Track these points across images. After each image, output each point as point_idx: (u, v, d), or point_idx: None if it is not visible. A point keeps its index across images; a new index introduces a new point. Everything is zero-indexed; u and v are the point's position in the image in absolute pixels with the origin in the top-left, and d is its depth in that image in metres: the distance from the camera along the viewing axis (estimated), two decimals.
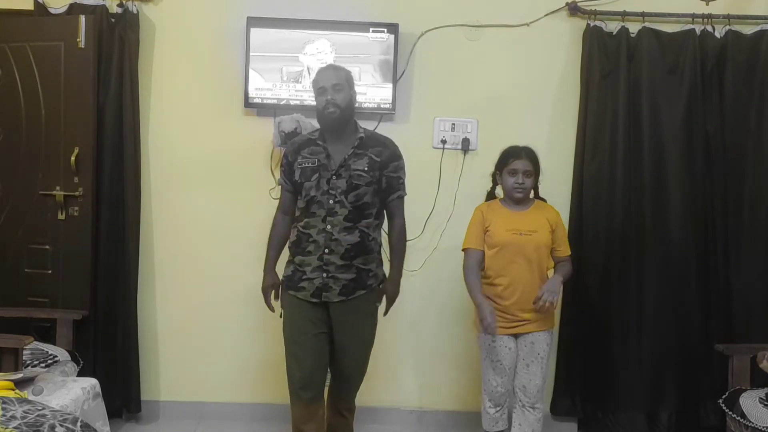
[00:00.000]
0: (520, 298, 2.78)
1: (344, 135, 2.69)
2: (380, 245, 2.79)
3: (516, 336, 2.82)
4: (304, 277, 2.66)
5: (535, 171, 2.83)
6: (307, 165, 2.68)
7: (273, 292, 2.77)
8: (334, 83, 2.64)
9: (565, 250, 2.88)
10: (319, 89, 2.67)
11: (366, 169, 2.66)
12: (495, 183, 2.95)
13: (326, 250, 2.63)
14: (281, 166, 2.84)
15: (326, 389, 2.82)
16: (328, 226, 2.62)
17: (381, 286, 2.79)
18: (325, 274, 2.63)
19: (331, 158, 2.66)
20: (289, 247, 2.77)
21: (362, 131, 2.73)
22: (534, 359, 2.81)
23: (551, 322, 2.87)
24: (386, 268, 2.83)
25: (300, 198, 2.71)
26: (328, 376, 2.81)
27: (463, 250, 2.89)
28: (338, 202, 2.63)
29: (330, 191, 2.63)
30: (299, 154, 2.71)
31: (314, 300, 2.65)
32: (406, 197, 2.77)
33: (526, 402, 2.83)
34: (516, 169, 2.80)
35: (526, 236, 2.78)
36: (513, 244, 2.78)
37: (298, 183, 2.70)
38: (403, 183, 2.79)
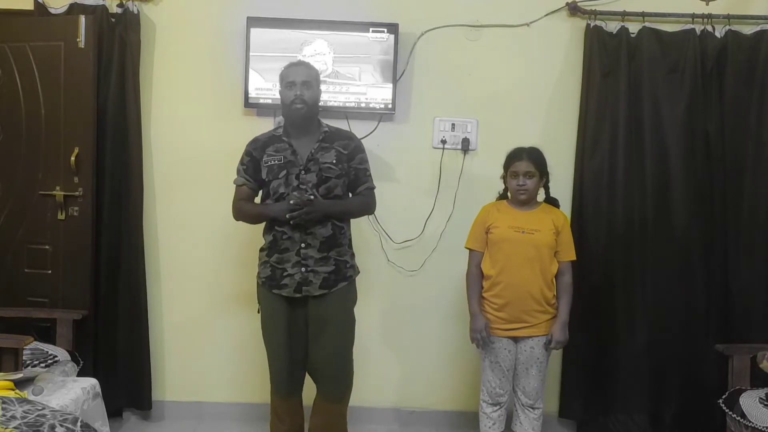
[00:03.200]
0: (519, 298, 2.78)
1: (309, 130, 2.74)
2: (350, 239, 2.82)
3: (516, 339, 2.82)
4: (285, 273, 2.69)
5: (539, 171, 2.82)
6: (273, 163, 2.71)
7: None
8: (304, 80, 2.70)
9: (568, 254, 2.86)
10: (288, 83, 2.72)
11: (334, 161, 2.71)
12: (506, 185, 2.94)
13: (302, 245, 2.67)
14: (242, 164, 2.80)
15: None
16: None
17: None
18: (304, 269, 2.67)
19: (297, 154, 2.70)
20: (263, 248, 2.78)
21: (326, 126, 2.79)
22: (533, 363, 2.81)
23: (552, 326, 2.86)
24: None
25: (269, 198, 2.73)
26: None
27: (466, 248, 2.95)
28: None
29: (300, 186, 2.66)
30: (264, 152, 2.74)
31: (296, 295, 2.69)
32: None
33: (526, 402, 2.85)
34: (516, 171, 2.81)
35: (528, 234, 2.78)
36: (513, 241, 2.79)
37: (265, 181, 2.72)
38: (370, 175, 2.84)
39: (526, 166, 2.80)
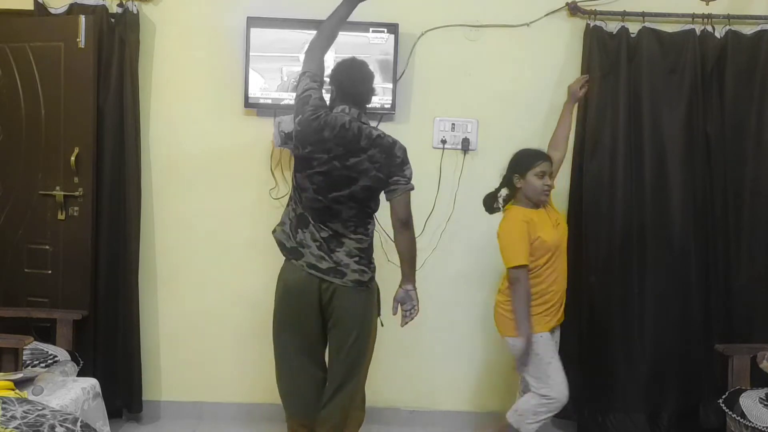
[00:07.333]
0: (561, 289, 2.83)
1: None
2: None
3: (553, 331, 2.86)
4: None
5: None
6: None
7: None
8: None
9: None
10: None
11: None
12: (515, 187, 2.84)
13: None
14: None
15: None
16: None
17: None
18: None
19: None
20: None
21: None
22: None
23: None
24: None
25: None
26: None
27: (514, 267, 2.72)
28: None
29: None
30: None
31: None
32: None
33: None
34: (544, 171, 2.79)
35: (560, 226, 2.84)
36: (557, 240, 2.80)
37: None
38: None
39: (549, 166, 2.82)
